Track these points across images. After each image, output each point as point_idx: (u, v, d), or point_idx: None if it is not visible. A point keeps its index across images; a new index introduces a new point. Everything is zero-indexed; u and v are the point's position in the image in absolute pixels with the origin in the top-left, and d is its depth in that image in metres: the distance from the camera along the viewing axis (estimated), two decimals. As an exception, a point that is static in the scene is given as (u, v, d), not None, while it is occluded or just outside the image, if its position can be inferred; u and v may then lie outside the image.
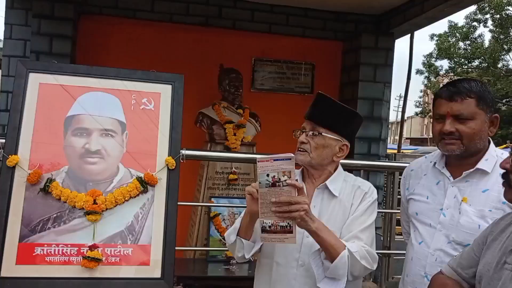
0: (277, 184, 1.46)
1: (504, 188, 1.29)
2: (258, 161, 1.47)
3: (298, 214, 1.46)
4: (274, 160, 1.46)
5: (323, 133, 1.70)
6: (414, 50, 5.37)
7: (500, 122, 1.71)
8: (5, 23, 4.69)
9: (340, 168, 1.80)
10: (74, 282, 1.98)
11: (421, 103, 30.46)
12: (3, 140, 2.10)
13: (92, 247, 2.03)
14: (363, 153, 4.62)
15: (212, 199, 3.77)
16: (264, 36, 4.86)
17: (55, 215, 2.05)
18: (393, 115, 35.28)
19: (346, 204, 1.72)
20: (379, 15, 4.88)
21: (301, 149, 1.72)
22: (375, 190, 1.79)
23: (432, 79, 26.72)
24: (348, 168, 2.23)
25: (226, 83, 4.09)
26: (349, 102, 4.81)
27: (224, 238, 3.50)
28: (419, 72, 26.59)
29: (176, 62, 4.42)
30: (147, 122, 2.23)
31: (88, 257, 2.00)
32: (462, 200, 1.61)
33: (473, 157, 1.63)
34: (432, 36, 24.54)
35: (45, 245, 2.01)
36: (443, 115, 1.62)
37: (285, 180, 1.45)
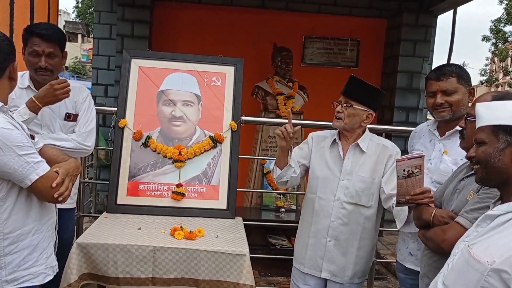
0: (411, 176, 1.88)
1: (460, 140, 1.88)
2: (396, 162, 1.88)
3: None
4: (409, 159, 1.86)
5: (353, 105, 2.28)
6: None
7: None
8: (95, 10, 5.56)
9: (367, 130, 2.39)
10: (166, 209, 2.79)
11: (487, 71, 28.83)
12: (115, 108, 2.93)
13: (178, 185, 2.82)
14: (401, 121, 5.11)
15: (265, 159, 4.49)
16: (314, 16, 5.41)
17: (152, 162, 2.86)
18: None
19: (372, 157, 2.31)
20: (422, -7, 5.25)
21: (337, 117, 2.32)
22: (396, 146, 2.38)
23: (499, 45, 25.39)
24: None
25: (278, 60, 4.70)
26: (390, 74, 5.30)
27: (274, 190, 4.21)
28: (485, 38, 25.27)
29: (235, 42, 5.11)
30: (216, 95, 2.97)
31: (176, 192, 2.80)
32: (443, 153, 2.20)
33: (455, 122, 2.20)
34: (501, 0, 23.21)
35: (146, 183, 2.84)
36: (434, 92, 2.21)
37: (417, 172, 1.87)
